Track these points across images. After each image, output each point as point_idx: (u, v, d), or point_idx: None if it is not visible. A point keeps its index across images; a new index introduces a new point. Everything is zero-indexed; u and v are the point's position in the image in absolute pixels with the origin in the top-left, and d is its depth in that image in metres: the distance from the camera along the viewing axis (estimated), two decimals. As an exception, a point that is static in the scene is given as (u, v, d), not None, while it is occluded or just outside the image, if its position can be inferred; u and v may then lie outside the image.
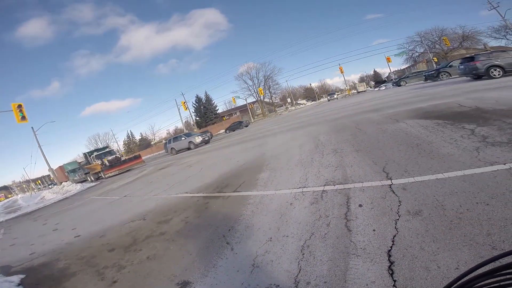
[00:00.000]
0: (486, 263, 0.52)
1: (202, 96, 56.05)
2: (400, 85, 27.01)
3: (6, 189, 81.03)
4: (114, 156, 21.65)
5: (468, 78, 12.77)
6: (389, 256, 1.65)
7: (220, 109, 61.71)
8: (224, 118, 52.99)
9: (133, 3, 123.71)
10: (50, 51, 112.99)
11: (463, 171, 2.48)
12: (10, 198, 54.31)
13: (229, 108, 66.90)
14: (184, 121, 46.02)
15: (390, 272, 1.52)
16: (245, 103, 49.89)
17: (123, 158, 22.20)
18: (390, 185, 2.67)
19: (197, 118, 54.03)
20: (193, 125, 49.49)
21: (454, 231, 1.70)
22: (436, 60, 35.46)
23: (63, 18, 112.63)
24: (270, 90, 56.08)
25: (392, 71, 45.56)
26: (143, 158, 23.28)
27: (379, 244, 1.79)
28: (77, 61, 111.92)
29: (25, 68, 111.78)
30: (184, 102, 36.49)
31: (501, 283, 0.47)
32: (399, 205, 2.23)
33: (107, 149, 24.54)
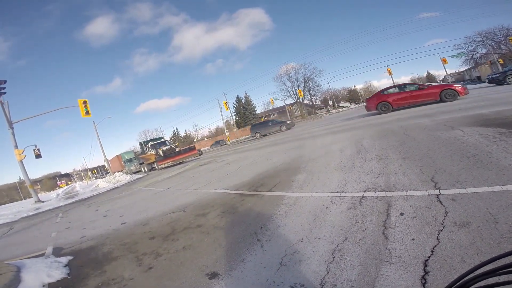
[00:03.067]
0: (487, 263, 0.52)
1: (242, 97, 57.36)
2: (503, 83, 16.77)
3: (68, 176, 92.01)
4: (168, 146, 20.92)
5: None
6: (425, 266, 1.55)
7: (259, 110, 62.45)
8: (262, 119, 53.38)
9: (187, 2, 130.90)
10: (113, 49, 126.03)
11: (526, 185, 2.20)
12: (70, 185, 61.50)
13: (267, 109, 67.29)
14: (225, 121, 47.51)
15: (423, 282, 1.43)
16: (283, 104, 49.70)
17: (177, 149, 20.97)
18: (437, 195, 2.47)
19: (237, 118, 55.36)
20: (233, 125, 50.78)
21: (504, 245, 1.54)
22: (502, 62, 31.45)
23: (125, 17, 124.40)
24: (310, 92, 55.02)
25: (448, 73, 41.48)
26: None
27: (416, 254, 1.69)
28: (137, 59, 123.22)
29: (92, 66, 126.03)
30: (226, 102, 37.58)
31: (501, 283, 0.48)
32: (445, 216, 2.06)
33: (162, 139, 23.85)
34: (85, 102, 15.32)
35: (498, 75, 17.60)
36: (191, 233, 3.28)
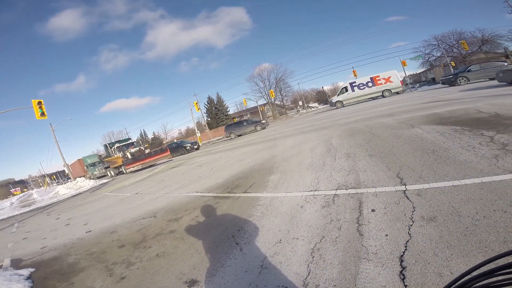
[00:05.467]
0: (486, 263, 0.52)
1: (214, 97, 56.72)
2: (455, 84, 17.70)
3: (22, 183, 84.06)
4: (137, 148, 19.48)
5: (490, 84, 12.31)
6: (401, 261, 1.63)
7: (231, 110, 62.16)
8: (234, 120, 53.21)
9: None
10: (79, 44, 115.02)
11: (480, 179, 2.42)
12: (26, 192, 56.26)
13: (240, 110, 67.29)
14: (195, 122, 46.57)
15: (402, 277, 1.49)
16: (256, 105, 50.08)
17: (147, 151, 19.44)
18: (404, 190, 2.62)
19: (208, 119, 54.60)
20: (205, 126, 49.98)
21: (469, 237, 1.67)
22: (454, 65, 34.49)
23: (96, 10, 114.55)
24: (282, 92, 55.91)
25: (407, 75, 44.68)
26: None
27: (391, 249, 1.76)
28: (105, 55, 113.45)
29: (52, 62, 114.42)
30: (197, 103, 36.87)
31: (501, 283, 0.47)
32: (413, 211, 2.18)
33: (130, 141, 22.08)
34: (40, 102, 14.02)
35: (450, 76, 19.21)
36: (164, 240, 3.15)
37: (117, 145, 20.63)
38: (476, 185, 2.33)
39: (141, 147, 20.38)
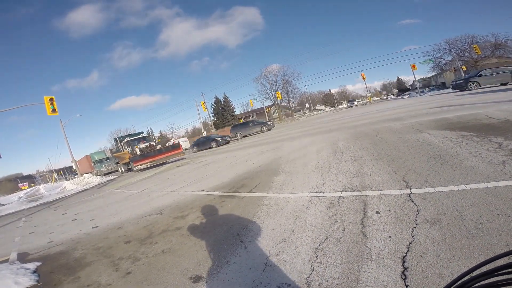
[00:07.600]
0: (486, 263, 0.52)
1: (221, 98, 57.05)
2: (465, 89, 17.48)
3: (30, 178, 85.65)
4: (147, 144, 17.55)
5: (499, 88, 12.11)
6: (403, 262, 1.65)
7: (238, 111, 62.39)
8: (240, 120, 53.36)
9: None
10: (94, 41, 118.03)
11: (486, 184, 2.42)
12: (33, 187, 57.29)
13: (246, 111, 67.46)
14: (202, 121, 46.89)
15: (403, 277, 1.52)
16: (262, 106, 50.21)
17: (158, 147, 17.57)
18: (409, 194, 2.63)
19: (215, 119, 54.91)
20: (211, 126, 50.26)
21: (472, 240, 1.68)
22: (465, 69, 33.93)
23: (114, 6, 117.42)
24: (288, 94, 55.94)
25: (417, 79, 44.17)
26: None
27: (394, 250, 1.79)
28: (118, 52, 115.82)
29: (67, 57, 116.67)
30: (204, 103, 37.14)
31: (501, 283, 0.46)
32: (417, 214, 2.20)
33: (142, 135, 20.00)
34: (51, 99, 14.32)
35: (461, 81, 18.90)
36: (170, 236, 3.21)
37: (127, 139, 18.89)
38: (482, 190, 2.33)
39: (152, 143, 18.37)
